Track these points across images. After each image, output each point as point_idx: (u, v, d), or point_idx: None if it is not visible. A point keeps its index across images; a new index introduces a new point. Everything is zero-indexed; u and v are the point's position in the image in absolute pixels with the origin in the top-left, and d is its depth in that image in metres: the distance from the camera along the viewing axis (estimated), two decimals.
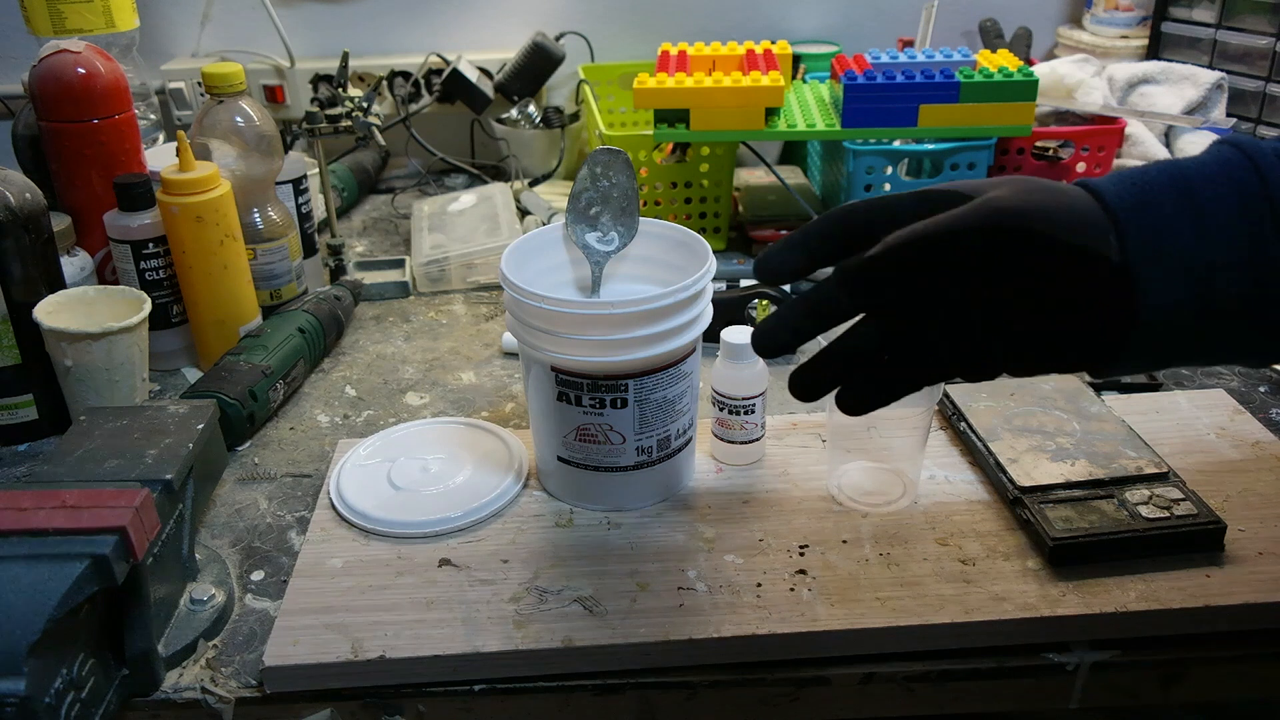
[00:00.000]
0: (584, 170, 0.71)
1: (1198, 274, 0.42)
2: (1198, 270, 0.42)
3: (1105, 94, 1.20)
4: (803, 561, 0.64)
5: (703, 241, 0.69)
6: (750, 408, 0.71)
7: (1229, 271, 0.42)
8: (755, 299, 0.92)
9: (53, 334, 0.76)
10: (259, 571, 0.67)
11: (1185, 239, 0.42)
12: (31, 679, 0.47)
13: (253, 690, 0.58)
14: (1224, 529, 0.63)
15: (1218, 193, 0.43)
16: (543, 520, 0.68)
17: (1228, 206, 0.42)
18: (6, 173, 0.77)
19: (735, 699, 0.60)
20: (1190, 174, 0.44)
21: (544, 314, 0.63)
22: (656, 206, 1.13)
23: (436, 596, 0.62)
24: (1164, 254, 0.42)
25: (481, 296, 1.07)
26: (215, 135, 0.92)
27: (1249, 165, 0.43)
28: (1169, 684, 0.61)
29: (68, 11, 1.08)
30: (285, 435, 0.82)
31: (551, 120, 1.39)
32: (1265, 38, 1.20)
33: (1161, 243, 0.42)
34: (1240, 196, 0.43)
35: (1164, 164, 0.45)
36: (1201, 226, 0.42)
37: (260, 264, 0.95)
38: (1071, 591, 0.61)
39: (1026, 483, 0.67)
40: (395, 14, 1.45)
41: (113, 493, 0.55)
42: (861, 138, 1.05)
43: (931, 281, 0.45)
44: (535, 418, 0.70)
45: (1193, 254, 0.42)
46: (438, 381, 0.90)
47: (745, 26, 1.48)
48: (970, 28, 1.49)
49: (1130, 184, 0.44)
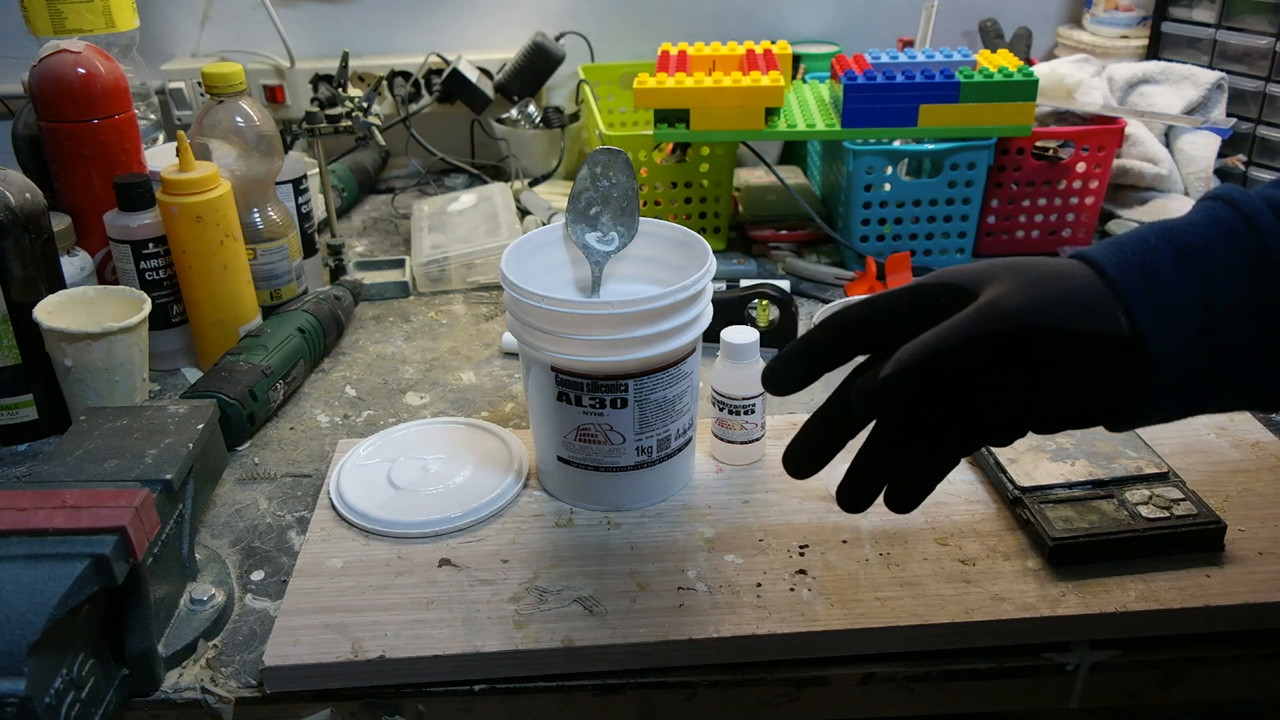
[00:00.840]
0: (584, 170, 0.71)
1: (1208, 338, 0.42)
2: (1208, 334, 0.42)
3: (1105, 94, 1.20)
4: (803, 561, 0.64)
5: (703, 241, 0.69)
6: (750, 408, 0.71)
7: (1235, 330, 0.42)
8: (755, 299, 0.92)
9: (53, 334, 0.76)
10: (259, 571, 0.67)
11: (1192, 304, 0.42)
12: (31, 679, 0.47)
13: (253, 690, 0.58)
14: (1224, 529, 0.63)
15: (1219, 255, 0.43)
16: (543, 520, 0.69)
17: (1229, 267, 0.43)
18: (6, 173, 0.77)
19: (735, 699, 0.60)
20: (1189, 237, 0.44)
21: (544, 314, 0.63)
22: (656, 206, 1.13)
23: (436, 596, 0.62)
24: (1172, 321, 0.42)
25: (481, 296, 1.07)
26: (215, 135, 0.92)
27: (1245, 224, 0.43)
28: (1169, 684, 0.61)
29: (68, 11, 1.08)
30: (285, 435, 0.82)
31: (551, 120, 1.39)
32: (1265, 38, 1.20)
33: (1168, 310, 0.42)
34: (1239, 254, 0.43)
35: (1159, 228, 0.45)
36: (1205, 289, 0.42)
37: (260, 264, 0.96)
38: (1071, 591, 0.61)
39: (1026, 483, 0.67)
40: (395, 14, 1.45)
41: (113, 493, 0.55)
42: (861, 138, 1.05)
43: (947, 392, 0.46)
44: (535, 418, 0.70)
45: (1200, 318, 0.42)
46: (438, 381, 0.90)
47: (745, 26, 1.48)
48: (970, 28, 1.49)
49: (1130, 253, 0.44)
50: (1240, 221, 0.43)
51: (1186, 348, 0.42)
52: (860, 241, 1.09)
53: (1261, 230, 0.43)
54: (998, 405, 0.46)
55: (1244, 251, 0.42)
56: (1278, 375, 0.43)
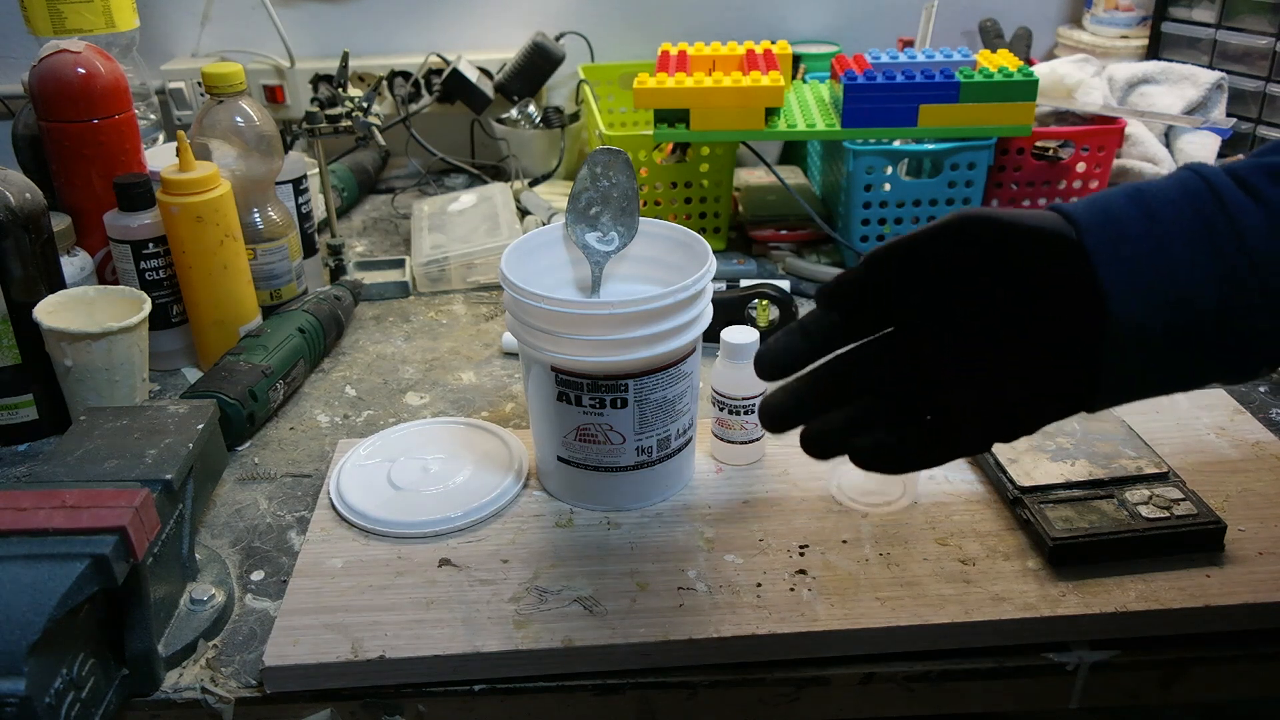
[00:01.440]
0: (584, 170, 0.71)
1: (1165, 295, 0.44)
2: (1166, 291, 0.44)
3: (1105, 94, 1.20)
4: (803, 561, 0.64)
5: (703, 241, 0.69)
6: (750, 408, 0.71)
7: (1198, 295, 0.44)
8: (755, 299, 0.92)
9: (53, 334, 0.76)
10: (259, 571, 0.67)
11: (1145, 245, 0.44)
12: (31, 679, 0.47)
13: (253, 690, 0.58)
14: (1224, 529, 0.63)
15: (1178, 211, 0.45)
16: (543, 520, 0.69)
17: (1182, 215, 0.45)
18: (6, 173, 0.77)
19: (735, 699, 0.60)
20: (1148, 194, 0.46)
21: (544, 314, 0.63)
22: (656, 206, 1.13)
23: (436, 596, 0.62)
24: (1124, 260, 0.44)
25: (481, 296, 1.07)
26: (215, 135, 0.92)
27: (1205, 187, 0.45)
28: (1169, 684, 0.61)
29: (68, 11, 1.08)
30: (285, 435, 0.82)
31: (551, 120, 1.39)
32: (1265, 38, 1.20)
33: (1122, 250, 0.44)
34: (1194, 208, 0.45)
35: (1126, 187, 0.47)
36: (1158, 234, 0.44)
37: (260, 264, 0.96)
38: (1071, 591, 0.61)
39: (1026, 483, 0.67)
40: (395, 14, 1.45)
41: (113, 493, 0.55)
42: (861, 138, 1.05)
43: (909, 283, 0.48)
44: (535, 418, 0.70)
45: (1156, 266, 0.44)
46: (438, 381, 0.90)
47: (745, 26, 1.48)
48: (970, 28, 1.49)
49: (1091, 203, 0.46)
50: (1201, 186, 0.45)
51: (1145, 305, 0.44)
52: (860, 241, 1.09)
53: (1218, 190, 0.45)
54: (971, 314, 0.47)
55: (1198, 207, 0.45)
56: (1242, 342, 0.45)
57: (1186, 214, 0.45)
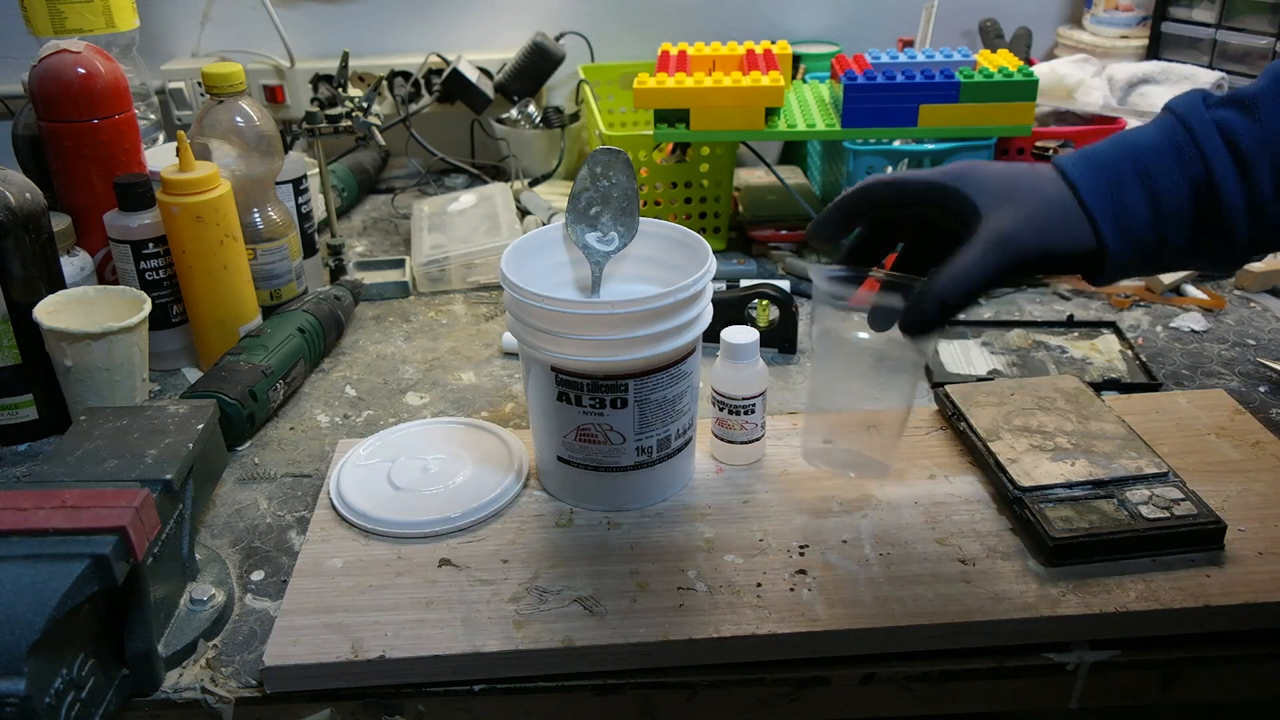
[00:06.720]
0: (584, 170, 0.71)
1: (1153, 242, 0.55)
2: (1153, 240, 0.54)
3: (1105, 94, 1.20)
4: (803, 561, 0.64)
5: (703, 241, 0.69)
6: (750, 408, 0.71)
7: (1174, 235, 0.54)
8: (755, 299, 0.92)
9: (53, 334, 0.76)
10: (259, 571, 0.67)
11: (1144, 221, 0.54)
12: (31, 679, 0.47)
13: (253, 690, 0.58)
14: (1224, 529, 0.63)
15: (1171, 181, 0.54)
16: (543, 520, 0.69)
17: (1177, 188, 0.54)
18: (6, 173, 0.77)
19: (735, 699, 0.60)
20: (1147, 160, 0.55)
21: (544, 314, 0.63)
22: (656, 206, 1.13)
23: (436, 596, 0.62)
24: (1128, 235, 0.54)
25: (481, 296, 1.07)
26: (215, 135, 0.92)
27: (1183, 129, 0.54)
28: (1169, 684, 0.61)
29: (68, 11, 1.08)
30: (285, 435, 0.82)
31: (551, 120, 1.39)
32: (1265, 38, 1.20)
33: (1127, 227, 0.54)
34: (1187, 179, 0.54)
35: (1125, 150, 0.55)
36: (1155, 207, 0.54)
37: (260, 264, 0.96)
38: (1071, 591, 0.61)
39: (1026, 483, 0.67)
40: (395, 14, 1.45)
41: (113, 493, 0.55)
42: (861, 138, 1.05)
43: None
44: (535, 418, 0.70)
45: (1148, 230, 0.54)
46: (438, 381, 0.90)
47: (745, 26, 1.48)
48: (970, 28, 1.49)
49: (1103, 182, 0.55)
50: (1180, 129, 0.54)
51: (1134, 249, 0.55)
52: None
53: (1193, 130, 0.54)
54: None
55: (1191, 179, 0.54)
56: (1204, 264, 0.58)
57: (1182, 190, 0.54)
